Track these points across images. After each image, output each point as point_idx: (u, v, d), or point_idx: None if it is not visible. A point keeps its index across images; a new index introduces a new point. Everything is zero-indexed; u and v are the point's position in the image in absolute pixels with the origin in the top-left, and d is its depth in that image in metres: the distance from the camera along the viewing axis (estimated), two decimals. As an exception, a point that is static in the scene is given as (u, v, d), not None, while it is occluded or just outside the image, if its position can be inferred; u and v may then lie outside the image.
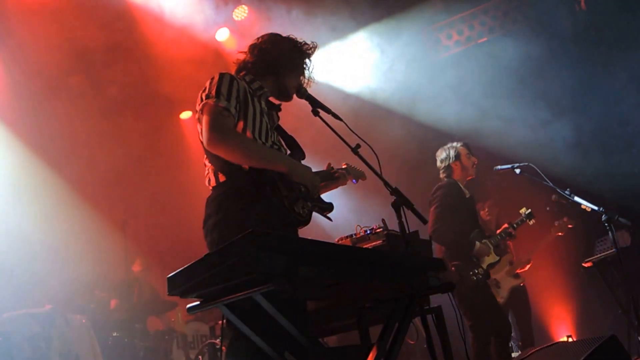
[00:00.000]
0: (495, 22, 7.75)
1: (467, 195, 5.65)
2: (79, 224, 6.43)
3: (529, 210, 5.94)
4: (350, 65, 8.03)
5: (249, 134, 2.92)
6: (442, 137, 7.54)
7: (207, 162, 3.00)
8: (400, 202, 2.91)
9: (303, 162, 3.25)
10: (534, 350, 3.53)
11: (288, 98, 3.29)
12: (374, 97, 8.06)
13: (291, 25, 6.93)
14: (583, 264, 6.41)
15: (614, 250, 5.03)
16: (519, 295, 6.17)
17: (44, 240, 6.05)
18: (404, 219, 2.93)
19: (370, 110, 7.95)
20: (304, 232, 3.02)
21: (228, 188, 2.87)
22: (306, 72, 3.30)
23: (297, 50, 3.23)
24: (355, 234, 3.69)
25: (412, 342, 5.75)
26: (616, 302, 6.07)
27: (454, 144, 5.72)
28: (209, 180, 2.97)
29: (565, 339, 6.68)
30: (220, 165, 2.90)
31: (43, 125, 6.38)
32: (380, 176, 3.01)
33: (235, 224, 2.72)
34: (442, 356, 2.94)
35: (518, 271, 6.29)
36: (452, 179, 5.64)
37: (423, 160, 7.77)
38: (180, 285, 2.13)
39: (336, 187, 3.53)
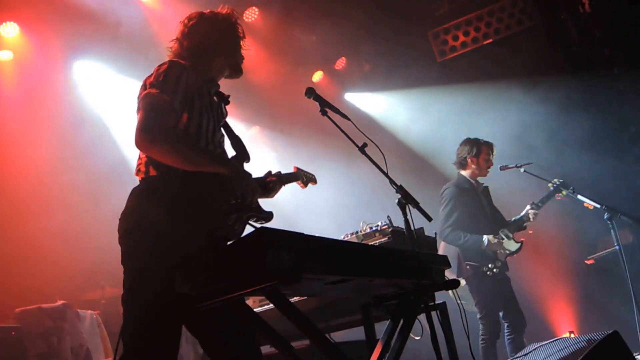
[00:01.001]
0: (501, 24, 7.77)
1: (480, 189, 5.68)
2: (89, 218, 6.48)
3: (561, 180, 5.53)
4: (357, 65, 8.08)
5: (192, 130, 2.68)
6: (447, 136, 7.59)
7: (140, 153, 2.74)
8: (405, 200, 2.96)
9: (246, 165, 3.01)
10: (536, 347, 3.56)
11: (241, 72, 3.10)
12: (380, 97, 8.10)
13: (298, 26, 6.98)
14: (585, 261, 6.45)
15: (616, 247, 5.07)
16: None
17: (56, 234, 6.11)
18: (409, 216, 2.97)
19: (376, 110, 8.00)
20: (310, 230, 3.06)
21: (155, 185, 2.61)
22: (242, 41, 3.09)
23: (232, 22, 3.04)
24: (361, 231, 3.73)
25: (416, 338, 5.78)
26: (618, 299, 6.11)
27: (481, 140, 5.71)
28: (139, 170, 2.69)
29: (567, 334, 6.71)
30: (151, 160, 2.64)
31: (56, 123, 6.43)
32: (386, 174, 3.06)
33: (151, 232, 2.48)
34: (447, 352, 2.99)
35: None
36: (461, 173, 5.69)
37: (429, 158, 7.82)
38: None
39: (270, 196, 3.19)
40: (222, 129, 2.95)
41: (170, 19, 6.33)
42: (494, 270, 5.34)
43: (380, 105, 8.49)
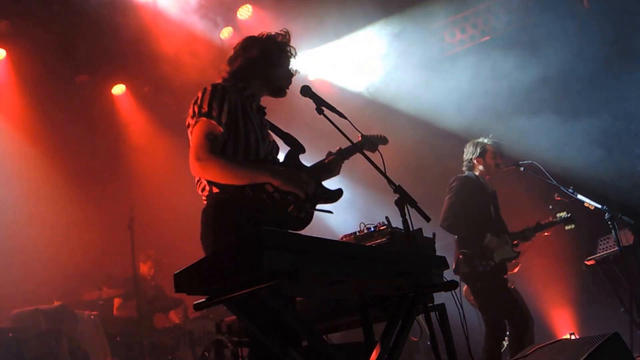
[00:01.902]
0: (499, 20, 7.75)
1: (489, 190, 5.66)
2: (85, 220, 6.46)
3: (569, 214, 5.65)
4: (354, 63, 8.05)
5: (241, 146, 2.95)
6: (445, 135, 7.57)
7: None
8: (403, 200, 2.93)
9: (303, 156, 3.25)
10: (536, 348, 3.54)
11: (282, 93, 3.29)
12: (377, 95, 8.07)
13: (294, 23, 6.94)
14: (586, 262, 6.41)
15: (616, 248, 5.04)
16: None
17: (53, 236, 6.09)
18: (407, 217, 2.95)
19: (373, 108, 7.97)
20: (309, 229, 3.05)
21: (220, 199, 2.89)
22: (291, 61, 3.29)
23: (273, 45, 3.24)
24: (359, 232, 3.71)
25: (415, 340, 5.77)
26: (618, 300, 6.08)
27: (485, 140, 5.69)
28: (203, 188, 2.98)
29: (568, 336, 6.69)
30: None
31: (48, 122, 6.42)
32: (384, 174, 3.03)
33: (226, 232, 2.76)
34: (445, 353, 2.97)
35: (508, 274, 6.32)
36: (473, 172, 5.68)
37: (427, 158, 7.79)
38: (187, 282, 2.15)
39: (334, 174, 3.47)
40: (272, 132, 3.22)
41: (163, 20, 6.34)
42: (486, 267, 5.32)
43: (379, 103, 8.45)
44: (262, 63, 3.19)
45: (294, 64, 3.32)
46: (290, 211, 2.87)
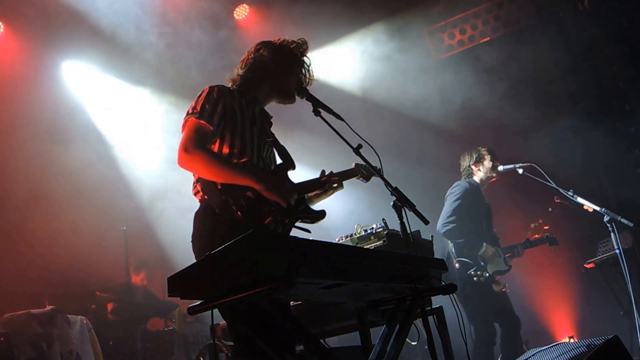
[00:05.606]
0: (498, 22, 7.73)
1: (485, 202, 5.67)
2: (79, 223, 6.41)
3: (553, 235, 5.97)
4: (351, 64, 8.02)
5: (236, 146, 2.98)
6: (443, 136, 7.54)
7: (193, 178, 3.06)
8: (401, 203, 2.89)
9: (292, 172, 3.23)
10: (536, 352, 3.51)
11: (291, 98, 3.29)
12: (374, 96, 8.04)
13: (291, 24, 6.93)
14: (585, 265, 6.39)
15: (616, 251, 5.02)
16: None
17: (46, 240, 6.04)
18: (405, 219, 2.91)
19: (370, 109, 7.94)
20: (303, 232, 3.00)
21: (206, 206, 2.93)
22: (303, 69, 3.31)
23: (285, 51, 3.26)
24: (355, 234, 3.68)
25: (413, 343, 5.73)
26: (618, 303, 6.06)
27: (478, 148, 5.78)
28: (197, 191, 3.02)
29: (567, 339, 6.67)
30: (200, 183, 2.97)
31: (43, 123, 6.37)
32: (381, 176, 3.00)
33: (207, 242, 2.79)
34: (443, 357, 2.93)
35: (498, 277, 6.30)
36: (474, 180, 5.67)
37: (423, 159, 7.76)
38: (181, 286, 2.12)
39: (324, 197, 3.46)
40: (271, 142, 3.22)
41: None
42: (481, 278, 5.30)
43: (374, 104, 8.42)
44: (272, 66, 3.21)
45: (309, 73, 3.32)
46: (267, 224, 2.82)
